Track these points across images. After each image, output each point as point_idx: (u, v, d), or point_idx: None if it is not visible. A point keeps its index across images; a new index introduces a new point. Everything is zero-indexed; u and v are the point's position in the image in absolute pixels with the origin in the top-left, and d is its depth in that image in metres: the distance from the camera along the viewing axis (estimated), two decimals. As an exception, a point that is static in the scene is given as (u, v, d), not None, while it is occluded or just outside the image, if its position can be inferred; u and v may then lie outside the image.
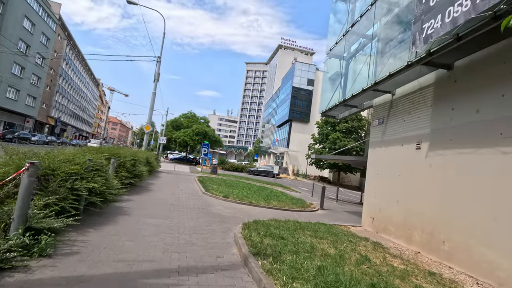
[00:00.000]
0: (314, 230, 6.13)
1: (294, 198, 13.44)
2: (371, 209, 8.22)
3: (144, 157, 11.47)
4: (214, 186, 12.27)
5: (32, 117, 43.70)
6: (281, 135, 53.43)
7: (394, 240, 6.90)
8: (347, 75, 11.02)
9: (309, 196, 18.30)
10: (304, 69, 48.90)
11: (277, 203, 10.63)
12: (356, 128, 37.83)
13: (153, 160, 13.80)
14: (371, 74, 8.43)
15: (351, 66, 11.09)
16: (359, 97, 8.84)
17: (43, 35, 41.52)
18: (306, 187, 28.49)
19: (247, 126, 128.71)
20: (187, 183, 13.16)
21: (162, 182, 11.95)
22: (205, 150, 24.26)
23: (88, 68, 76.20)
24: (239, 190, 12.39)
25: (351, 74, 10.83)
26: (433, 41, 5.25)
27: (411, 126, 6.98)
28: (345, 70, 11.46)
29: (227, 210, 7.69)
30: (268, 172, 36.15)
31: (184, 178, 15.71)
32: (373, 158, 8.68)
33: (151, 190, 9.01)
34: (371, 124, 9.01)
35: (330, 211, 11.94)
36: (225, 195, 9.84)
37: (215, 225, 5.67)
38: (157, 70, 17.51)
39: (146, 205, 6.67)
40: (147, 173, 11.24)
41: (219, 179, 16.78)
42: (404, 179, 6.94)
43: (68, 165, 4.28)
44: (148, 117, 17.19)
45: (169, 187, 10.42)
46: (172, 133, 41.31)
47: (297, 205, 11.11)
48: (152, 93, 17.37)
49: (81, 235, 3.89)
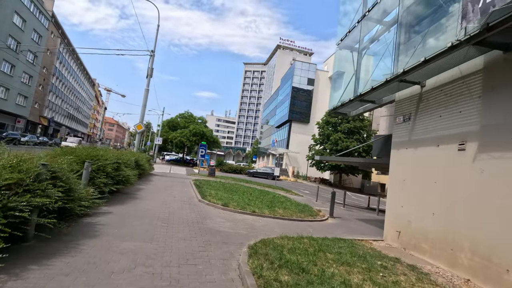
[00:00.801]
0: (337, 253, 4.89)
1: (299, 204, 12.21)
2: (397, 221, 7.00)
3: (133, 159, 10.18)
4: (212, 192, 11.00)
5: (23, 117, 42.19)
6: (281, 136, 52.21)
7: (430, 260, 5.67)
8: (360, 68, 9.82)
9: (314, 201, 17.09)
10: (304, 69, 47.72)
11: (283, 211, 9.39)
12: (358, 128, 36.71)
13: (144, 163, 12.52)
14: (393, 64, 7.25)
15: (365, 58, 9.90)
16: (380, 91, 7.64)
17: (34, 32, 40.07)
18: (308, 189, 27.27)
19: (245, 127, 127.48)
20: (181, 187, 11.88)
21: (153, 187, 10.66)
22: (202, 151, 22.98)
23: (84, 67, 74.66)
24: (240, 196, 11.14)
25: (365, 66, 9.64)
26: (495, 10, 4.05)
27: (451, 123, 5.77)
28: (358, 62, 10.26)
29: (227, 223, 6.43)
30: (268, 174, 34.91)
31: (179, 181, 14.42)
32: (397, 160, 7.47)
33: (138, 198, 7.73)
34: (394, 122, 7.80)
35: (340, 219, 10.71)
36: (224, 203, 8.58)
37: (213, 248, 4.41)
38: (150, 65, 16.24)
39: (127, 219, 5.39)
40: (136, 178, 9.96)
41: (217, 183, 15.51)
42: (442, 187, 5.73)
43: (6, 173, 3.01)
44: (141, 116, 15.90)
45: (160, 194, 9.13)
46: (168, 133, 39.93)
47: (305, 213, 9.88)
48: (145, 90, 16.10)
49: (12, 279, 2.62)
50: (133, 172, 9.45)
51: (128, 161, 8.92)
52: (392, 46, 7.90)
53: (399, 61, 7.04)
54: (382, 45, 9.23)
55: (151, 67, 16.23)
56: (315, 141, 39.90)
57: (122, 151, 10.83)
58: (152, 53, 16.28)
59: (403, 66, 6.31)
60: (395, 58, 7.34)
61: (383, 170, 19.95)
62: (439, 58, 5.35)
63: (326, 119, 38.92)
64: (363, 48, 9.54)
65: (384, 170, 19.98)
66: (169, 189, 10.77)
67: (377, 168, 18.55)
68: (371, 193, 40.35)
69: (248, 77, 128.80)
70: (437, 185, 5.87)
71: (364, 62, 9.55)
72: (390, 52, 7.93)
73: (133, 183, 9.99)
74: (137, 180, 10.76)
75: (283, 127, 51.64)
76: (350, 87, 10.14)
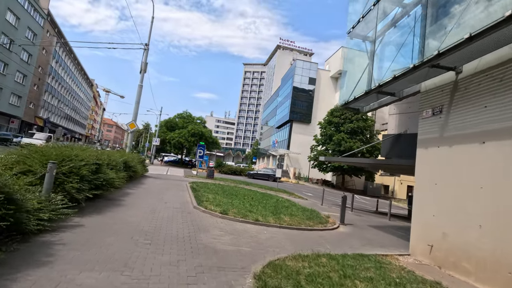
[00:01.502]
0: (367, 279, 3.79)
1: (305, 209, 11.12)
2: (427, 233, 5.90)
3: (121, 160, 9.08)
4: (210, 196, 9.90)
5: (17, 117, 41.09)
6: (281, 136, 51.11)
7: (478, 285, 4.58)
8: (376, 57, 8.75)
9: (319, 204, 16.00)
10: (305, 68, 46.64)
11: (289, 218, 8.30)
12: (362, 128, 35.63)
13: (136, 164, 11.41)
14: (420, 48, 6.19)
15: (382, 46, 8.83)
16: (402, 81, 6.57)
17: (29, 30, 39.01)
18: (311, 192, 26.17)
19: (245, 128, 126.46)
20: (176, 191, 10.77)
21: (144, 191, 9.55)
22: (200, 152, 21.88)
23: (81, 67, 73.64)
24: (240, 201, 10.04)
25: (382, 55, 8.57)
26: None
27: (501, 115, 4.70)
28: (371, 51, 9.20)
29: (226, 237, 5.33)
30: (269, 175, 33.79)
31: (175, 184, 13.32)
32: (426, 160, 6.38)
33: (122, 205, 6.62)
34: (420, 116, 6.71)
35: (353, 227, 9.61)
36: (223, 210, 7.47)
37: (207, 279, 3.31)
38: (144, 60, 15.16)
39: (100, 235, 4.28)
40: (124, 181, 8.85)
41: (215, 185, 14.41)
42: (492, 194, 4.64)
43: None
44: (134, 113, 14.81)
45: (150, 199, 8.03)
46: (166, 134, 38.86)
47: (314, 221, 8.79)
48: (138, 86, 15.02)
49: None
50: (120, 175, 8.36)
51: (113, 162, 7.82)
52: (414, 30, 6.86)
53: (427, 45, 6.00)
54: (401, 30, 8.18)
55: (144, 62, 15.15)
56: (317, 141, 38.81)
57: (107, 151, 9.72)
58: (146, 46, 15.20)
59: (436, 48, 5.25)
60: (420, 43, 6.30)
61: (393, 171, 18.89)
62: (490, 33, 4.29)
63: (329, 119, 37.85)
64: (379, 35, 8.47)
65: (393, 171, 18.93)
66: (162, 193, 9.66)
67: (386, 170, 17.48)
68: (375, 195, 39.27)
69: (247, 78, 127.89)
70: (484, 191, 4.78)
71: (380, 51, 8.48)
72: (412, 37, 6.88)
73: (121, 186, 8.89)
74: (126, 183, 9.66)
75: (284, 127, 50.57)
76: (363, 79, 9.09)
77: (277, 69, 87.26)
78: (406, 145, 14.00)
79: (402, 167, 15.58)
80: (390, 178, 39.78)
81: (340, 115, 36.64)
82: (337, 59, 45.58)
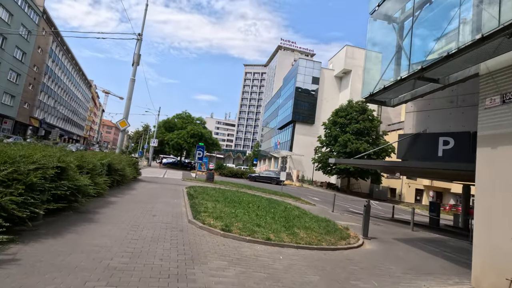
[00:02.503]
0: None
1: (319, 218, 9.62)
2: (502, 262, 4.37)
3: (103, 163, 7.58)
4: (209, 205, 8.38)
5: (10, 117, 39.63)
6: (284, 137, 49.56)
7: None
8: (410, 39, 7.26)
9: (330, 211, 14.50)
10: (308, 67, 45.16)
11: (305, 233, 6.79)
12: (368, 129, 34.09)
13: (124, 166, 9.90)
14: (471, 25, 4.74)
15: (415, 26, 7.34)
16: (458, 60, 5.09)
17: (23, 28, 37.62)
18: (317, 196, 24.63)
19: (245, 129, 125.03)
20: (170, 198, 9.24)
21: (130, 199, 8.02)
22: (200, 153, 20.37)
23: (79, 68, 72.35)
24: (245, 210, 8.52)
25: (420, 33, 7.08)
26: None
27: None
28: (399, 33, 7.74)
29: (230, 271, 3.80)
30: (271, 178, 32.27)
31: (170, 189, 11.79)
32: (493, 163, 4.86)
33: (94, 222, 5.10)
34: (481, 105, 5.19)
35: (378, 242, 8.08)
36: (225, 225, 5.95)
37: None
38: (137, 51, 13.70)
39: (36, 279, 2.77)
40: (105, 186, 7.34)
41: (216, 190, 12.90)
42: None
43: None
44: (125, 110, 13.32)
45: (134, 211, 6.49)
46: (164, 135, 37.37)
47: (334, 235, 7.29)
48: (130, 80, 13.54)
49: None
50: (99, 180, 6.85)
51: (89, 165, 6.30)
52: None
53: (483, 19, 4.55)
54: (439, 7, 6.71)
55: (137, 53, 13.69)
56: (321, 143, 37.30)
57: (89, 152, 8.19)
58: (139, 36, 13.74)
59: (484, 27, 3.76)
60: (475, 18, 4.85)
61: (410, 174, 17.37)
62: None
63: (333, 120, 36.35)
64: (417, 7, 6.97)
65: (411, 174, 17.42)
66: (152, 201, 8.13)
67: (404, 173, 15.96)
68: (381, 199, 37.68)
69: (248, 79, 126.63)
70: None
71: (417, 29, 6.99)
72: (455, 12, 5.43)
73: (103, 194, 7.38)
74: (109, 190, 8.13)
75: (286, 128, 49.05)
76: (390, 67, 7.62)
77: (278, 70, 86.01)
78: (425, 146, 12.56)
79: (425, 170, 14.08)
80: (397, 181, 38.21)
81: (346, 115, 35.14)
82: (341, 58, 44.17)
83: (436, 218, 13.71)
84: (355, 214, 15.16)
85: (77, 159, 5.80)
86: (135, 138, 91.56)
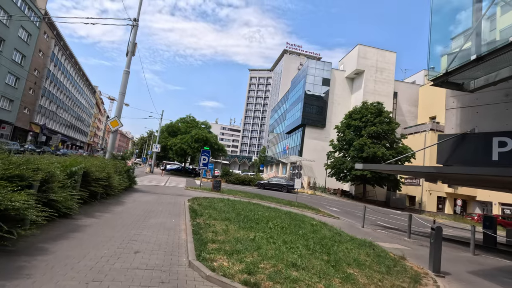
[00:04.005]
0: None
1: (360, 241, 7.37)
2: None
3: (69, 171, 5.44)
4: (218, 227, 6.17)
5: (9, 122, 38.13)
6: (292, 142, 47.22)
7: None
8: None
9: (359, 226, 12.20)
10: (318, 68, 43.01)
11: (362, 274, 4.57)
12: (386, 132, 31.63)
13: (111, 174, 7.76)
14: None
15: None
16: None
17: (22, 29, 36.37)
18: (335, 206, 22.22)
19: (250, 135, 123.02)
20: (166, 218, 7.03)
21: (108, 222, 5.82)
22: (205, 159, 18.21)
23: (83, 73, 71.39)
24: (267, 234, 6.30)
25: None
26: None
27: None
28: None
29: None
30: (282, 185, 29.93)
31: (168, 203, 9.60)
32: None
33: (23, 273, 2.92)
34: None
35: (456, 281, 5.73)
36: (247, 271, 3.70)
37: None
38: (132, 39, 11.71)
39: None
40: (72, 203, 5.18)
41: (224, 202, 10.70)
42: None
43: None
44: (117, 107, 11.26)
45: (105, 246, 4.26)
46: (167, 140, 35.35)
47: (398, 275, 5.06)
48: (124, 72, 11.53)
49: None
50: (62, 195, 4.70)
51: (38, 174, 4.14)
52: None
53: None
54: None
55: (133, 42, 11.70)
56: (333, 147, 34.91)
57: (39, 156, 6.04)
58: (134, 22, 11.77)
59: None
60: None
61: (454, 182, 14.90)
62: None
63: (347, 122, 33.99)
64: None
65: (455, 182, 14.99)
66: (140, 224, 5.93)
67: (447, 181, 13.52)
68: (398, 207, 34.94)
69: (253, 84, 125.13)
70: None
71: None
72: None
73: (72, 214, 5.23)
74: (83, 207, 5.96)
75: (295, 132, 46.75)
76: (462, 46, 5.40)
77: (284, 74, 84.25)
78: (474, 148, 10.30)
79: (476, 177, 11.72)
80: (416, 188, 35.48)
81: (360, 118, 32.76)
82: (353, 58, 42.00)
83: (493, 235, 11.27)
84: (389, 230, 12.77)
85: (12, 164, 3.65)
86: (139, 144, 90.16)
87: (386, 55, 41.46)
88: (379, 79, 40.82)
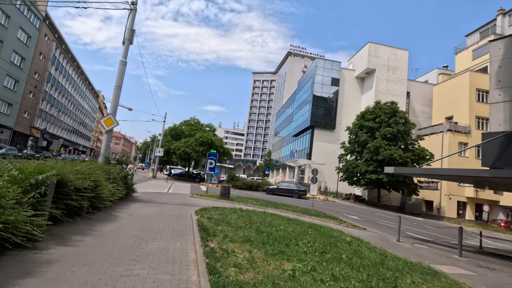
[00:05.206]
0: None
1: (420, 268, 5.62)
2: None
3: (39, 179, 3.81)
4: (240, 257, 4.49)
5: (8, 127, 36.87)
6: (300, 145, 45.45)
7: None
8: None
9: (394, 240, 10.43)
10: (327, 67, 41.37)
11: None
12: (402, 133, 29.77)
13: (95, 183, 6.13)
14: None
15: None
16: None
17: (21, 31, 35.30)
18: (352, 212, 20.39)
19: (254, 138, 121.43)
20: (168, 240, 5.35)
21: (86, 253, 4.17)
22: (211, 163, 16.58)
23: (86, 77, 70.52)
24: (305, 263, 4.61)
25: None
26: None
27: None
28: None
29: None
30: (292, 191, 28.14)
31: (172, 216, 7.92)
32: None
33: None
34: None
35: None
36: None
37: None
38: (130, 25, 10.18)
39: None
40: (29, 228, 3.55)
41: (237, 214, 9.01)
42: None
43: None
44: (112, 103, 9.68)
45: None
46: (171, 143, 33.78)
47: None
48: (120, 62, 9.98)
49: None
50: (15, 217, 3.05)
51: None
52: None
53: None
54: None
55: (130, 28, 10.16)
56: (345, 150, 33.09)
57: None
58: (132, 6, 10.24)
59: None
60: None
61: (503, 188, 13.04)
62: None
63: (359, 123, 32.21)
64: None
65: (504, 188, 13.15)
66: (132, 254, 4.26)
67: (493, 186, 11.69)
68: (414, 212, 32.89)
69: (257, 87, 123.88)
70: None
71: None
72: None
73: (36, 242, 3.60)
74: (55, 228, 4.32)
75: (303, 135, 45.00)
76: None
77: (288, 76, 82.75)
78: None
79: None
80: (433, 192, 33.43)
81: (374, 118, 30.98)
82: (363, 57, 40.32)
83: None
84: (428, 244, 10.94)
85: None
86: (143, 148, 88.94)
87: (398, 53, 39.70)
88: (391, 78, 39.04)
